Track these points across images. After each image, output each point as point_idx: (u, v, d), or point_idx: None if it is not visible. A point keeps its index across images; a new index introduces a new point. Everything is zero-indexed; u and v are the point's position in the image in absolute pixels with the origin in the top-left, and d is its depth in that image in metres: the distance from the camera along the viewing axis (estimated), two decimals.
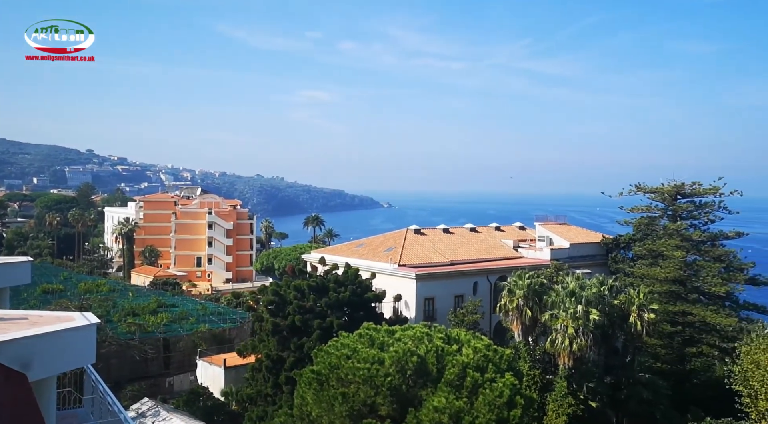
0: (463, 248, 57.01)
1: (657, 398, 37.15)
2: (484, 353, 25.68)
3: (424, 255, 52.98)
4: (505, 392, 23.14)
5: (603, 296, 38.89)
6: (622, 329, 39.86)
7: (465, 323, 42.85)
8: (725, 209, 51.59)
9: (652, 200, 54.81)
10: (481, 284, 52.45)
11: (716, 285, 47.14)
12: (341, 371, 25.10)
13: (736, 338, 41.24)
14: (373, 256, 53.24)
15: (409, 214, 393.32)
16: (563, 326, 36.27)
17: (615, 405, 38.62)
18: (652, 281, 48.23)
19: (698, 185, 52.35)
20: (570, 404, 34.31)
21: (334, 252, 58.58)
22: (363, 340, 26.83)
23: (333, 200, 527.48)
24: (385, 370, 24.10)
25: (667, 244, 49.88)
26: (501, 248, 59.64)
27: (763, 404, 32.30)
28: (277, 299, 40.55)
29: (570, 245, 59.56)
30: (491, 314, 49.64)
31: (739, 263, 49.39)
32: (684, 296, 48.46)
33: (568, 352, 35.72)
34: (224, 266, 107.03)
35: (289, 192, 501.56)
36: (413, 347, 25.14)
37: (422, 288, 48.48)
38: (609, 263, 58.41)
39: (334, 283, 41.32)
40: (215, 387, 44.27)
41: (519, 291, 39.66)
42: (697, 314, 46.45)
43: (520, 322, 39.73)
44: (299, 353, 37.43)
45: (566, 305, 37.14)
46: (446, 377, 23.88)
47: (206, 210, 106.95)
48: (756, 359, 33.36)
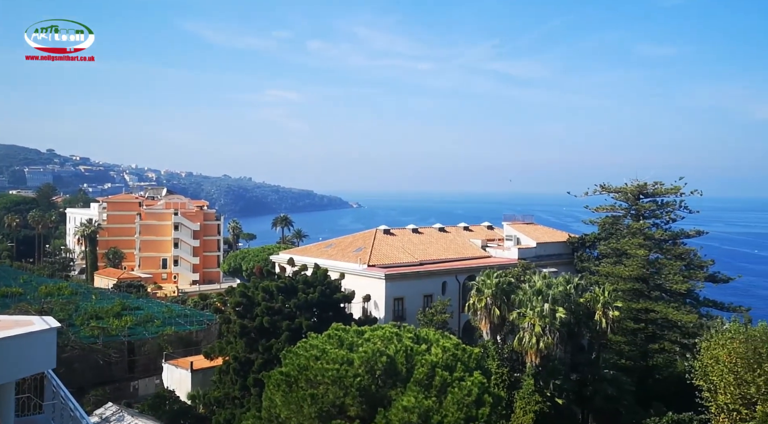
0: (432, 248, 57.28)
1: (621, 393, 37.91)
2: (453, 352, 25.81)
3: (394, 255, 53.06)
4: (473, 391, 23.29)
5: (569, 295, 39.53)
6: (587, 327, 40.57)
7: (434, 322, 43.07)
8: (686, 209, 52.96)
9: (616, 200, 55.93)
10: (450, 284, 52.77)
11: (677, 283, 48.33)
12: (310, 373, 24.92)
13: (697, 334, 42.45)
14: (342, 256, 53.10)
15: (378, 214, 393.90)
16: (530, 324, 36.75)
17: (581, 402, 39.27)
18: (617, 279, 49.21)
19: (660, 185, 53.62)
20: (537, 402, 34.76)
21: (302, 253, 58.24)
22: (332, 341, 26.68)
23: (302, 200, 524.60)
24: (354, 370, 24.02)
25: (631, 243, 50.96)
26: (469, 247, 60.10)
27: (722, 399, 33.23)
28: (245, 301, 40.11)
29: (537, 244, 60.38)
30: (460, 313, 49.99)
31: (699, 261, 50.73)
32: (647, 293, 49.57)
33: (535, 350, 36.20)
34: (191, 267, 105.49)
35: (257, 192, 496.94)
36: (382, 347, 25.10)
37: (391, 288, 48.54)
38: (575, 261, 59.42)
39: (302, 284, 41.09)
40: (182, 390, 43.56)
41: (487, 290, 40.04)
42: (660, 311, 47.56)
43: (488, 321, 40.11)
44: (268, 355, 37.10)
45: (533, 303, 37.65)
46: (415, 377, 23.92)
47: (172, 211, 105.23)
48: (715, 355, 34.31)
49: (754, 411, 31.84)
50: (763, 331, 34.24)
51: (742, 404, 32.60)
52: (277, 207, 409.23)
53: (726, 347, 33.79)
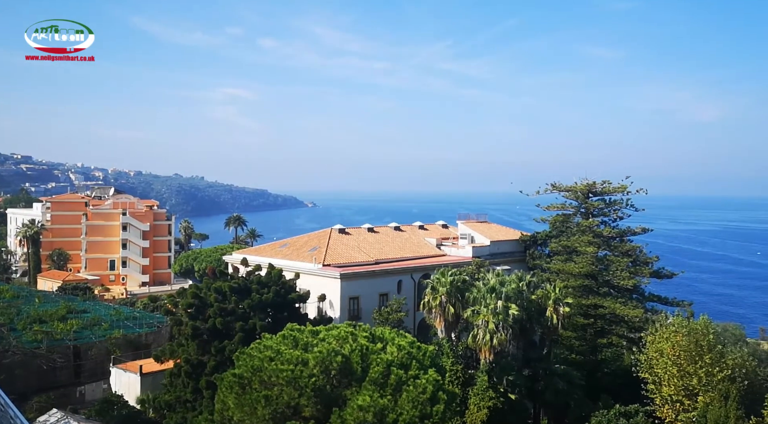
0: (388, 247, 57.39)
1: (571, 387, 38.79)
2: (408, 350, 25.93)
3: (349, 254, 52.91)
4: (428, 389, 23.44)
5: (521, 292, 40.22)
6: (539, 323, 41.35)
7: (389, 321, 43.17)
8: (632, 207, 54.70)
9: (567, 199, 57.31)
10: (405, 283, 52.98)
11: (624, 279, 49.86)
12: (264, 374, 24.61)
13: (642, 328, 43.88)
14: (297, 256, 52.65)
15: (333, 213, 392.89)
16: (484, 321, 37.23)
17: (533, 396, 40.02)
18: (567, 276, 50.42)
19: (608, 184, 55.20)
20: (491, 398, 35.23)
21: (257, 253, 57.47)
22: (287, 341, 26.43)
23: (256, 200, 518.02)
24: (309, 371, 23.84)
25: (581, 240, 52.28)
26: (425, 246, 60.50)
27: (666, 390, 34.48)
28: (197, 302, 39.29)
29: (491, 243, 61.26)
30: (415, 311, 50.26)
31: (644, 258, 52.45)
32: (596, 289, 50.94)
33: (489, 346, 36.69)
34: (140, 268, 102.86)
35: (210, 192, 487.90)
36: (338, 346, 25.01)
37: (347, 287, 48.40)
38: (527, 259, 60.56)
39: (256, 284, 40.53)
40: (131, 395, 42.34)
41: (442, 288, 40.35)
42: (608, 306, 48.96)
43: (443, 318, 40.43)
44: (220, 357, 36.45)
45: (487, 300, 38.15)
46: (371, 376, 23.90)
47: (120, 211, 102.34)
48: (659, 348, 35.60)
49: (695, 402, 33.14)
50: (704, 324, 35.69)
51: (685, 395, 33.90)
52: (230, 207, 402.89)
53: (670, 341, 35.11)
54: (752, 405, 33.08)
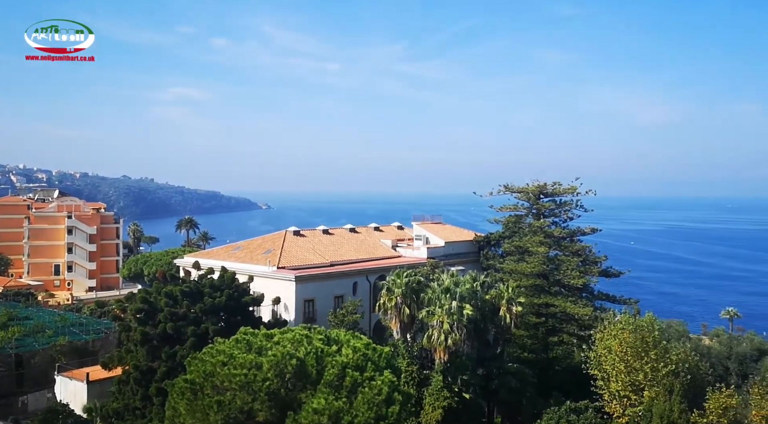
0: (343, 249, 57.22)
1: (524, 385, 39.50)
2: (364, 352, 25.86)
3: (304, 256, 52.51)
4: (383, 390, 23.44)
5: (476, 292, 40.74)
6: (493, 322, 41.99)
7: (345, 323, 43.02)
8: (582, 207, 56.14)
9: (519, 200, 58.35)
10: (360, 284, 52.92)
11: (575, 278, 51.09)
12: (217, 379, 24.16)
13: (592, 326, 45.03)
14: (251, 259, 51.93)
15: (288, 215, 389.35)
16: (439, 321, 37.54)
17: (487, 395, 40.57)
18: (520, 276, 51.33)
19: (558, 185, 56.49)
20: (445, 397, 35.53)
21: (209, 256, 56.40)
22: (240, 345, 26.00)
23: (208, 202, 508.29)
24: (263, 375, 23.52)
25: (532, 240, 53.32)
26: (380, 247, 60.58)
27: (614, 386, 35.49)
28: (146, 307, 38.31)
29: (445, 244, 61.82)
30: (371, 313, 50.25)
31: (594, 257, 53.88)
32: (547, 289, 52.03)
33: (443, 347, 37.02)
34: (87, 273, 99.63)
35: (160, 194, 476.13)
36: (292, 349, 24.75)
37: (302, 290, 48.00)
38: (481, 259, 61.37)
39: (209, 288, 39.80)
40: (76, 404, 40.92)
41: (397, 290, 40.49)
42: (559, 305, 50.07)
43: (398, 320, 40.57)
44: (171, 363, 35.62)
45: (442, 301, 38.48)
46: (326, 378, 23.76)
47: (65, 214, 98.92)
48: (608, 345, 36.62)
49: (642, 396, 34.24)
50: (649, 321, 36.93)
51: (632, 390, 34.98)
52: (181, 209, 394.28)
53: (617, 338, 36.17)
54: (695, 399, 34.41)
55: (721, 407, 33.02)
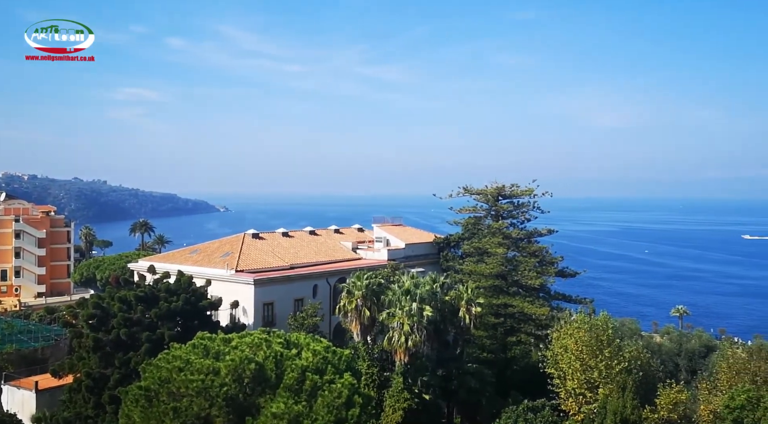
0: (303, 251, 56.80)
1: (483, 385, 39.92)
2: (324, 355, 25.71)
3: (263, 259, 51.91)
4: (343, 393, 23.34)
5: (435, 293, 40.97)
6: (452, 323, 42.29)
7: (305, 326, 42.70)
8: (539, 209, 57.18)
9: (478, 201, 59.09)
10: (321, 287, 52.61)
11: (532, 278, 51.97)
12: (173, 385, 23.63)
13: (549, 325, 45.88)
14: (209, 262, 51.04)
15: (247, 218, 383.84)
16: (399, 323, 37.60)
17: (446, 396, 40.86)
18: (479, 277, 51.89)
19: (516, 187, 57.42)
20: (406, 399, 35.61)
21: (165, 259, 55.18)
22: (197, 350, 25.51)
23: (164, 205, 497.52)
24: (220, 380, 23.12)
25: (491, 242, 54.01)
26: (340, 250, 60.37)
27: (570, 384, 36.21)
28: (99, 312, 37.24)
29: (406, 245, 62.04)
30: (331, 315, 49.99)
31: (550, 258, 54.90)
32: (505, 289, 52.77)
33: (404, 348, 37.09)
34: (35, 278, 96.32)
35: (113, 197, 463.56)
36: (251, 354, 24.41)
37: (261, 293, 47.41)
38: (441, 261, 61.81)
39: (165, 292, 38.97)
40: (25, 413, 39.45)
41: (358, 292, 40.39)
42: (517, 305, 50.85)
43: (358, 322, 40.46)
44: (125, 369, 34.73)
45: (402, 303, 38.56)
46: (285, 382, 23.51)
47: (12, 217, 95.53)
48: (564, 344, 37.35)
49: (596, 394, 35.02)
50: (603, 320, 37.83)
51: (587, 388, 35.75)
52: (136, 212, 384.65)
53: (573, 337, 36.92)
54: (647, 395, 35.42)
55: (672, 403, 34.08)
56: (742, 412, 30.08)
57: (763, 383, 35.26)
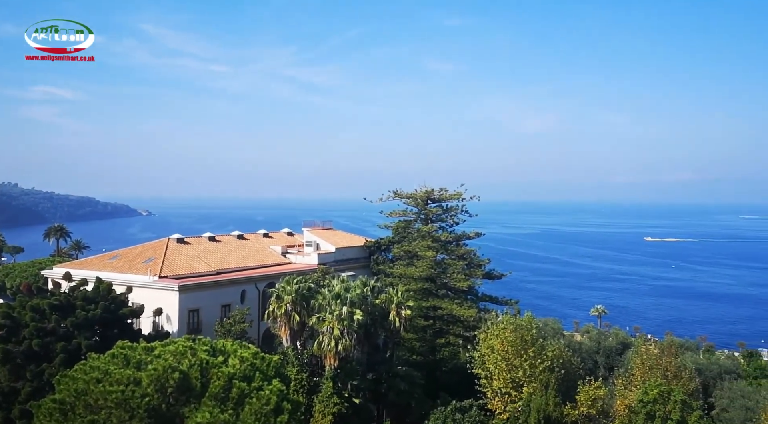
0: (231, 256, 55.56)
1: (412, 388, 40.33)
2: (252, 361, 25.23)
3: (188, 265, 50.37)
4: (272, 400, 22.98)
5: (366, 297, 41.08)
6: (383, 327, 42.52)
7: (232, 332, 41.78)
8: (467, 212, 58.40)
9: (408, 205, 59.70)
10: (249, 292, 51.60)
11: (460, 281, 52.99)
12: (90, 397, 22.52)
13: (476, 327, 46.85)
14: (130, 268, 49.03)
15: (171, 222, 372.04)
16: (330, 327, 37.45)
17: (376, 399, 40.99)
18: (409, 280, 52.42)
19: (445, 191, 58.44)
20: (335, 404, 35.45)
21: (82, 266, 52.57)
22: (116, 360, 24.46)
23: (81, 209, 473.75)
24: (142, 390, 22.23)
25: (421, 245, 54.72)
26: (269, 254, 59.47)
27: (497, 384, 37.15)
28: (8, 323, 35.02)
29: (336, 249, 61.84)
30: (260, 321, 49.13)
31: (478, 260, 56.14)
32: (435, 292, 53.56)
33: (334, 353, 36.95)
34: None
35: (26, 200, 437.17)
36: (175, 362, 23.62)
37: (186, 300, 45.98)
38: (371, 264, 62.03)
39: (82, 300, 37.14)
40: None
41: (287, 297, 39.92)
42: (446, 307, 51.68)
43: (288, 327, 39.99)
44: (38, 382, 32.82)
45: (332, 307, 38.43)
46: (211, 391, 22.90)
47: None
48: (491, 345, 38.29)
49: (521, 392, 36.10)
50: (528, 320, 39.06)
51: (512, 387, 36.79)
52: (50, 216, 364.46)
53: (499, 337, 37.91)
54: (568, 392, 36.84)
55: (591, 399, 35.61)
56: (654, 406, 31.79)
57: (673, 377, 37.47)
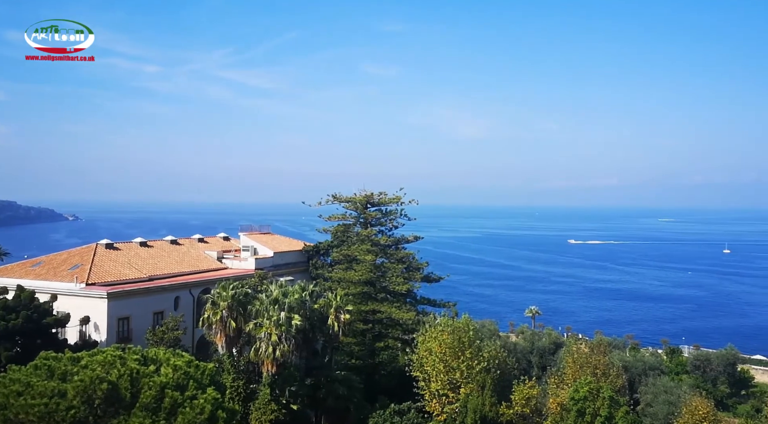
0: (163, 262, 53.86)
1: (351, 392, 40.21)
2: (185, 370, 24.49)
3: (118, 271, 48.48)
4: (206, 409, 22.38)
5: (305, 301, 40.69)
6: (321, 331, 42.21)
7: (165, 340, 40.50)
8: (406, 216, 58.86)
9: (347, 209, 59.59)
10: (183, 299, 50.17)
11: (399, 284, 53.30)
12: (10, 411, 21.30)
13: (415, 329, 47.30)
14: (55, 275, 46.72)
15: (100, 227, 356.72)
16: (267, 333, 36.86)
17: (315, 404, 40.63)
18: (348, 284, 52.30)
19: (384, 195, 58.71)
20: (272, 410, 34.96)
21: (2, 273, 49.67)
22: (40, 372, 23.21)
23: (2, 213, 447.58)
24: (67, 403, 21.19)
25: (360, 249, 54.71)
26: (205, 259, 58.04)
27: (435, 386, 37.57)
28: None
29: (274, 254, 61.02)
30: (194, 328, 47.88)
31: (417, 264, 56.62)
32: (374, 295, 53.63)
33: (271, 359, 36.38)
34: None
35: None
36: (103, 373, 22.62)
37: (115, 307, 44.21)
38: (310, 269, 61.55)
39: (1, 309, 35.14)
40: None
41: (223, 303, 39.02)
42: (385, 311, 51.86)
43: (224, 334, 39.08)
44: None
45: (270, 312, 37.85)
46: (142, 401, 22.06)
47: None
48: (429, 347, 38.70)
49: (458, 394, 36.65)
50: (465, 322, 39.73)
51: (450, 388, 37.31)
52: None
53: (437, 340, 38.38)
54: (503, 391, 37.68)
55: (525, 398, 36.55)
56: (584, 403, 32.93)
57: (602, 375, 38.97)
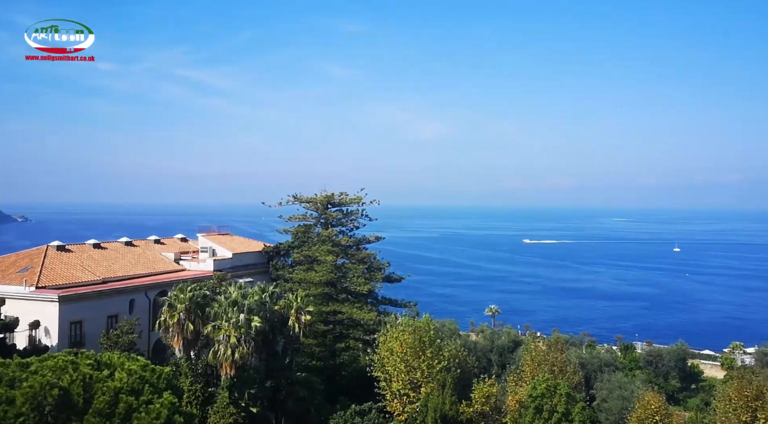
0: (118, 264, 52.47)
1: (312, 393, 39.94)
2: (141, 374, 23.88)
3: (70, 274, 46.99)
4: (162, 413, 21.90)
5: (265, 303, 40.20)
6: (282, 333, 41.79)
7: (120, 344, 39.44)
8: (367, 217, 58.89)
9: (308, 209, 59.24)
10: (138, 301, 48.98)
11: (361, 285, 53.26)
12: None
13: (376, 330, 47.31)
14: (3, 278, 45.00)
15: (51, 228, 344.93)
16: (226, 336, 36.29)
17: (275, 407, 40.20)
18: (309, 285, 51.96)
19: (345, 195, 58.59)
20: (231, 414, 34.46)
21: None
22: None
23: None
24: (15, 410, 20.45)
25: (321, 249, 54.42)
26: (161, 261, 56.78)
27: (396, 385, 37.68)
28: None
29: (233, 255, 60.15)
30: (150, 331, 46.78)
31: (378, 264, 56.71)
32: (335, 296, 53.43)
33: (230, 361, 35.83)
34: None
35: None
36: (54, 378, 21.89)
37: (67, 311, 42.84)
38: (271, 270, 60.91)
39: None
40: None
41: (180, 305, 38.22)
42: (346, 311, 51.73)
43: (181, 337, 38.27)
44: None
45: (229, 314, 37.27)
46: (95, 407, 21.43)
47: None
48: (390, 347, 38.79)
49: (419, 393, 36.83)
50: (426, 322, 39.95)
51: (411, 388, 37.47)
52: None
53: (398, 340, 38.50)
54: (463, 390, 38.05)
55: (484, 396, 36.99)
56: (542, 400, 33.54)
57: (559, 372, 39.76)
